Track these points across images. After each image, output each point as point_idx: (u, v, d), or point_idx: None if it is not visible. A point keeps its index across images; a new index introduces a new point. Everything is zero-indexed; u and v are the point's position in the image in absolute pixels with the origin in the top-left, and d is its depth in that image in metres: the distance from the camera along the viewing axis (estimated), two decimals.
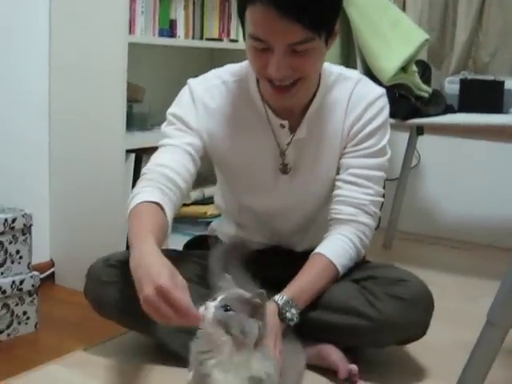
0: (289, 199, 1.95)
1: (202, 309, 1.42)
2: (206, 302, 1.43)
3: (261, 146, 1.90)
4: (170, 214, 1.73)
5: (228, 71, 1.93)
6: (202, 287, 1.71)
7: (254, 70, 1.75)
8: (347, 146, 1.89)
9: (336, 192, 1.90)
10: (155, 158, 1.86)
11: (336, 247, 1.85)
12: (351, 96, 1.87)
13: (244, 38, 1.73)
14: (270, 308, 1.67)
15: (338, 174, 1.91)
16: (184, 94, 1.92)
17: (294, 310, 1.73)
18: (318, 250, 1.85)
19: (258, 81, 1.85)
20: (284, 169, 1.91)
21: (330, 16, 1.68)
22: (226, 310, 1.42)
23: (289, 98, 1.76)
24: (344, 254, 1.85)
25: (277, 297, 1.73)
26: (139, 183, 1.80)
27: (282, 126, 1.86)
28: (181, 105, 1.91)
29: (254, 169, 1.92)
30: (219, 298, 1.44)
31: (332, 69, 1.91)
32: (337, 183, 1.91)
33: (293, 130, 1.88)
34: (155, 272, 1.41)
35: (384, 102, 1.90)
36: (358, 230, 1.87)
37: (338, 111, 1.88)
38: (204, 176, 3.04)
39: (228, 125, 1.89)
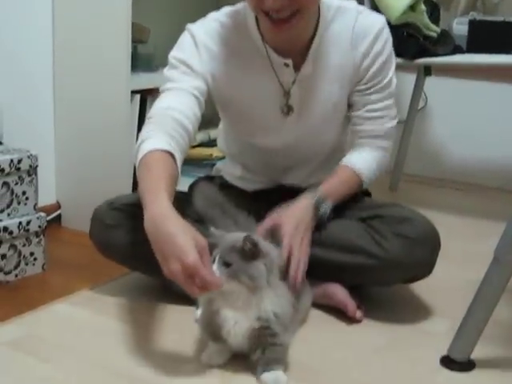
0: (294, 138, 1.93)
1: None
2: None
3: (263, 88, 1.87)
4: (179, 162, 1.70)
5: (226, 13, 1.89)
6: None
7: (251, 6, 1.72)
8: (360, 83, 1.90)
9: (356, 128, 1.97)
10: (160, 102, 1.83)
11: (361, 160, 1.95)
12: (354, 28, 1.85)
13: None
14: (304, 203, 1.82)
15: (349, 109, 1.95)
16: (185, 38, 1.89)
17: (326, 206, 1.84)
18: (343, 162, 1.95)
19: (257, 21, 1.83)
20: (288, 109, 1.89)
21: None
22: (228, 266, 1.45)
23: (288, 31, 1.72)
24: (368, 167, 1.95)
25: (309, 194, 1.85)
26: (146, 126, 1.76)
27: (286, 65, 1.84)
28: (183, 48, 1.88)
29: (258, 110, 1.90)
30: (217, 258, 1.47)
31: (330, 2, 1.87)
32: (355, 120, 1.96)
33: (297, 68, 1.85)
34: (181, 246, 1.40)
35: (387, 31, 1.89)
36: (380, 151, 1.97)
37: (343, 44, 1.85)
38: (209, 118, 3.01)
39: (231, 67, 1.87)
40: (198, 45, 1.85)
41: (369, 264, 1.79)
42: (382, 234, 1.79)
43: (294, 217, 1.78)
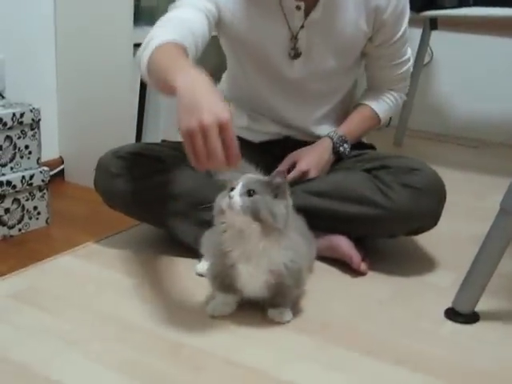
0: (301, 81, 1.92)
1: (225, 201, 1.41)
2: (229, 193, 1.41)
3: (272, 31, 1.87)
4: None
5: None
6: None
7: None
8: (376, 36, 1.91)
9: (374, 73, 2.06)
10: (170, 12, 1.79)
11: (379, 101, 2.05)
12: None
13: None
14: (325, 143, 1.93)
15: (365, 58, 2.01)
16: None
17: (346, 145, 1.96)
18: (364, 101, 2.05)
19: None
20: (295, 53, 1.88)
21: None
22: (250, 195, 1.40)
23: None
24: (385, 108, 2.06)
25: (331, 133, 1.96)
26: (154, 29, 1.70)
27: (298, 8, 1.83)
28: None
29: (267, 52, 1.90)
30: (240, 184, 1.41)
31: None
32: (373, 68, 2.05)
33: (307, 12, 1.84)
34: (218, 103, 1.33)
35: None
36: (397, 92, 2.08)
37: None
38: (213, 72, 3.00)
39: (244, 3, 1.85)
40: None
41: (375, 214, 1.79)
42: (388, 184, 1.79)
43: (313, 154, 1.89)
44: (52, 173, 2.34)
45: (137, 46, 2.38)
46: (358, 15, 1.86)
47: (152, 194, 1.83)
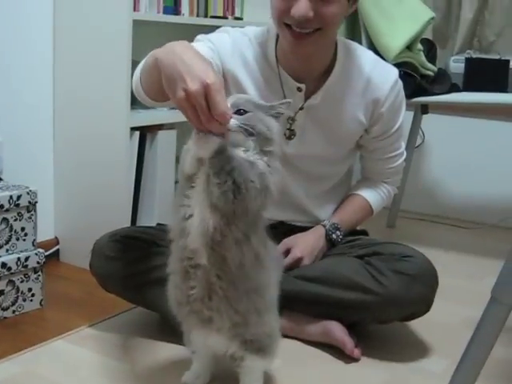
0: (294, 164, 1.95)
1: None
2: None
3: None
4: None
5: (252, 31, 1.95)
6: None
7: (276, 16, 1.75)
8: (371, 129, 1.96)
9: (367, 165, 2.10)
10: None
11: (372, 192, 2.09)
12: (370, 75, 1.91)
13: None
14: (319, 231, 1.96)
15: (360, 149, 2.05)
16: (222, 33, 1.93)
17: (338, 232, 1.99)
18: (358, 191, 2.09)
19: (275, 46, 1.88)
20: (290, 134, 1.92)
21: None
22: (241, 114, 1.36)
23: (307, 47, 1.76)
24: (377, 199, 2.09)
25: (324, 221, 2.00)
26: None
27: (299, 90, 1.88)
28: (217, 35, 1.91)
29: None
30: (229, 103, 1.35)
31: (347, 41, 1.95)
32: (367, 160, 2.09)
33: (307, 96, 1.89)
34: (201, 68, 1.29)
35: (400, 82, 1.96)
36: (389, 185, 2.12)
37: (356, 87, 1.91)
38: None
39: (249, 75, 1.90)
40: (232, 41, 1.90)
41: (367, 300, 1.80)
42: (380, 270, 1.81)
43: (307, 242, 1.92)
44: (47, 253, 2.35)
45: (133, 129, 2.44)
46: (357, 107, 1.91)
47: (147, 278, 1.84)
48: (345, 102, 1.91)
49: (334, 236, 1.97)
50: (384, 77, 1.92)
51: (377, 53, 2.68)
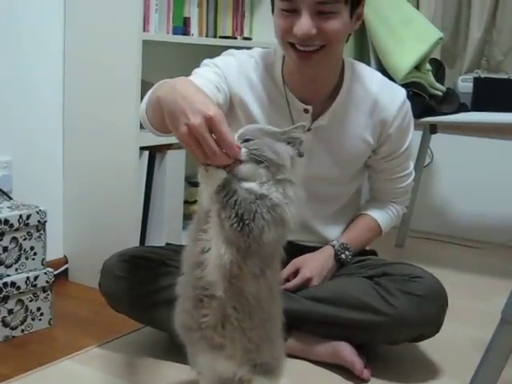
0: (303, 183, 1.94)
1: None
2: None
3: (278, 127, 1.90)
4: None
5: (258, 52, 1.96)
6: None
7: (280, 36, 1.76)
8: (379, 150, 1.97)
9: (376, 185, 2.11)
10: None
11: (381, 212, 2.09)
12: (378, 96, 1.91)
13: (272, 11, 1.78)
14: (328, 251, 1.95)
15: (368, 169, 2.06)
16: (227, 56, 1.94)
17: (347, 252, 1.98)
18: (366, 211, 2.09)
19: (282, 66, 1.89)
20: (298, 154, 1.91)
21: None
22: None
23: (311, 67, 1.77)
24: (386, 219, 2.09)
25: (333, 241, 2.00)
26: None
27: (306, 111, 1.88)
28: (223, 59, 1.92)
29: None
30: (236, 135, 1.33)
31: (354, 61, 1.96)
32: (375, 180, 2.10)
33: (314, 116, 1.89)
34: (202, 102, 1.29)
35: (408, 103, 1.97)
36: (398, 205, 2.12)
37: (363, 107, 1.91)
38: None
39: (256, 98, 1.91)
40: (237, 64, 1.91)
41: (377, 321, 1.79)
42: (389, 291, 1.80)
43: (317, 262, 1.92)
44: (56, 272, 2.35)
45: (142, 148, 2.45)
46: (364, 127, 1.92)
47: (156, 298, 1.84)
48: (352, 122, 1.91)
49: (343, 256, 1.97)
50: (391, 97, 1.92)
51: (385, 73, 2.70)
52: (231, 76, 1.88)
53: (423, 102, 2.85)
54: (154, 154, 2.56)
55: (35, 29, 2.44)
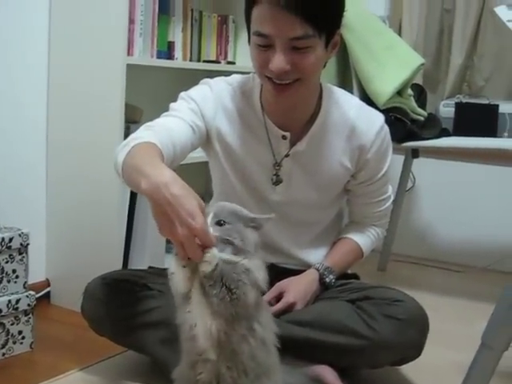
0: (282, 210, 1.96)
1: None
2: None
3: (257, 153, 1.93)
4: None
5: (236, 79, 1.97)
6: None
7: (256, 68, 1.78)
8: (357, 175, 1.98)
9: (354, 209, 2.12)
10: (158, 119, 1.86)
11: (361, 235, 2.09)
12: (356, 121, 1.92)
13: (249, 42, 1.78)
14: (312, 275, 1.97)
15: (347, 193, 2.06)
16: (203, 86, 1.95)
17: (331, 276, 1.98)
18: (347, 234, 2.09)
19: (260, 93, 1.91)
20: (277, 180, 1.94)
21: (332, 16, 1.74)
22: (221, 225, 1.44)
23: (288, 98, 1.78)
24: (367, 242, 2.09)
25: (317, 265, 1.99)
26: (136, 132, 1.78)
27: (284, 138, 1.90)
28: (199, 91, 1.94)
29: (250, 173, 1.95)
30: (211, 215, 1.45)
31: (332, 88, 1.97)
32: (354, 205, 2.10)
33: (292, 143, 1.91)
34: (189, 210, 1.38)
35: (386, 128, 1.98)
36: (377, 228, 2.13)
37: (341, 133, 1.92)
38: (200, 197, 3.05)
39: (234, 126, 1.93)
40: (215, 95, 1.92)
41: (358, 345, 1.80)
42: (371, 315, 1.81)
43: (301, 286, 1.91)
44: (38, 295, 2.35)
45: None
46: (342, 153, 1.93)
47: (138, 321, 1.84)
48: (330, 148, 1.92)
49: (327, 280, 1.97)
50: (369, 123, 1.93)
51: (368, 98, 2.72)
52: (207, 109, 1.90)
53: (405, 127, 2.87)
54: None
55: (20, 51, 2.45)
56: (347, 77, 2.95)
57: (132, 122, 2.69)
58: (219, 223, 1.44)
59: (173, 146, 1.75)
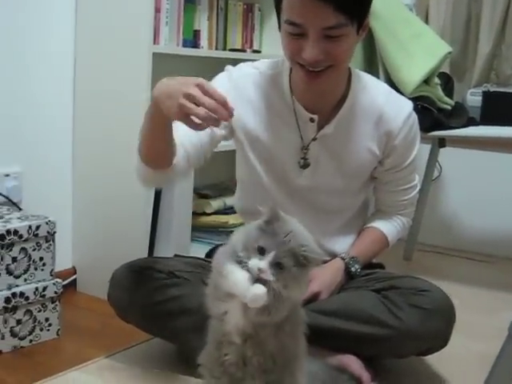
0: (309, 194, 1.96)
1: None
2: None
3: (284, 136, 1.93)
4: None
5: (265, 63, 1.98)
6: None
7: (288, 56, 1.78)
8: (384, 161, 1.97)
9: (381, 198, 2.11)
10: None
11: (387, 224, 2.09)
12: (384, 107, 1.92)
13: (279, 29, 1.77)
14: (337, 264, 1.95)
15: (374, 181, 2.06)
16: (222, 77, 1.96)
17: (357, 265, 1.98)
18: (373, 223, 2.09)
19: (290, 76, 1.90)
20: (304, 163, 1.93)
21: (363, 3, 1.73)
22: (281, 269, 1.33)
23: (319, 84, 1.78)
24: (393, 231, 2.09)
25: (342, 254, 1.99)
26: None
27: (312, 120, 1.89)
28: (215, 84, 1.92)
29: (277, 159, 1.95)
30: (272, 254, 1.33)
31: (361, 73, 1.97)
32: (380, 192, 2.10)
33: (320, 126, 1.90)
34: (187, 78, 1.52)
35: (415, 115, 1.97)
36: (404, 217, 2.12)
37: (369, 118, 1.92)
38: (225, 186, 3.06)
39: (257, 113, 1.93)
40: (232, 84, 1.92)
41: (384, 334, 1.79)
42: (397, 304, 1.80)
43: (326, 276, 1.91)
44: (64, 283, 2.36)
45: None
46: (370, 138, 1.93)
47: (165, 309, 1.85)
48: (358, 132, 1.92)
49: (353, 269, 1.97)
50: (397, 110, 1.93)
51: (394, 87, 2.70)
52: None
53: (432, 116, 2.85)
54: None
55: (45, 41, 2.46)
56: (374, 65, 2.94)
57: None
58: (280, 266, 1.33)
59: (182, 145, 1.79)
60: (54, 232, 2.17)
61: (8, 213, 2.21)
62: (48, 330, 2.17)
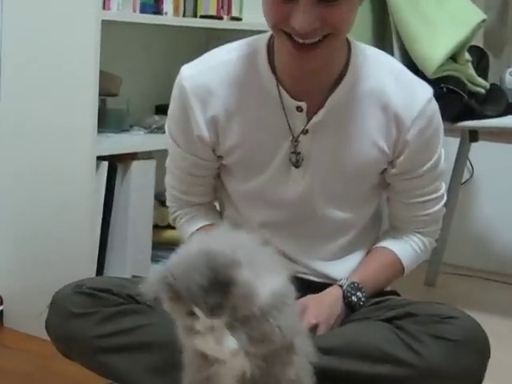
0: (302, 204, 1.98)
1: None
2: None
3: (270, 132, 1.92)
4: None
5: (230, 48, 1.96)
6: None
7: (271, 24, 1.76)
8: (397, 162, 1.94)
9: (395, 211, 2.06)
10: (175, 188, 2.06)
11: (403, 245, 2.04)
12: (396, 87, 1.89)
13: None
14: (334, 292, 1.93)
15: (386, 189, 2.04)
16: (175, 91, 1.96)
17: (359, 293, 1.92)
18: (384, 243, 2.05)
19: (268, 55, 1.90)
20: (296, 159, 1.93)
21: None
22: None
23: (312, 60, 1.78)
24: (411, 255, 2.04)
25: (341, 280, 1.94)
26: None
27: (299, 109, 1.89)
28: (172, 115, 1.97)
29: (263, 157, 1.94)
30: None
31: (363, 46, 1.95)
32: (395, 204, 2.05)
33: (310, 115, 1.90)
34: None
35: (434, 103, 1.92)
36: (424, 237, 2.05)
37: (374, 104, 1.89)
38: None
39: (232, 111, 1.93)
40: (190, 97, 1.91)
41: (400, 375, 1.77)
42: (415, 336, 1.79)
43: (323, 306, 1.90)
44: None
45: (100, 158, 2.45)
46: (376, 130, 1.90)
47: (121, 342, 1.84)
48: (360, 123, 1.90)
49: (353, 298, 1.93)
50: (412, 95, 1.90)
51: (413, 64, 2.72)
52: (189, 126, 1.94)
53: (461, 102, 2.87)
54: (115, 165, 2.59)
55: None
56: (386, 38, 2.96)
57: (108, 94, 2.68)
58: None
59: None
60: None
61: None
62: None
